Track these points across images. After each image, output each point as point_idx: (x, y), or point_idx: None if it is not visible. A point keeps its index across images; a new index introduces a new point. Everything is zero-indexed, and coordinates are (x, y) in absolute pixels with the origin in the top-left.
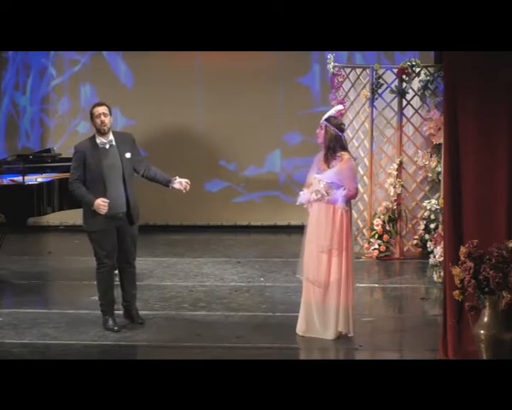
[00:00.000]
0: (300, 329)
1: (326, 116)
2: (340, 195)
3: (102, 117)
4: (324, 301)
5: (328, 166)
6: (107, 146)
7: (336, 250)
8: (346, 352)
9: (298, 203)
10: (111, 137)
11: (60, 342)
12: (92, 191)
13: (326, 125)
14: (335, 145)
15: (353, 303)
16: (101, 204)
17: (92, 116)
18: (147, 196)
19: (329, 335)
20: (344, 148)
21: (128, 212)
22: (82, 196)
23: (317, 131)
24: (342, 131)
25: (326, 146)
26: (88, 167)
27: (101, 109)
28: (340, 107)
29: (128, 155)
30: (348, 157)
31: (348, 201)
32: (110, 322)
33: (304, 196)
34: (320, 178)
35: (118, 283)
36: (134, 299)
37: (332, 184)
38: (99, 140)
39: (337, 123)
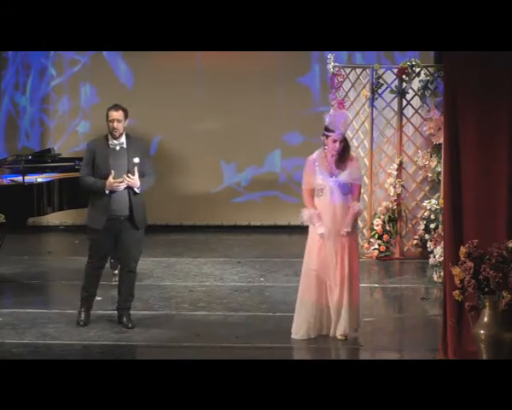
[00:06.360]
0: (299, 332)
1: (342, 130)
2: (354, 211)
3: (116, 123)
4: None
5: (341, 169)
6: (118, 148)
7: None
8: (346, 352)
9: (300, 221)
10: (123, 140)
11: (60, 342)
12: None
13: (345, 139)
14: (349, 152)
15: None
16: (112, 181)
17: (107, 117)
18: (146, 196)
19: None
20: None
21: (131, 216)
22: (91, 185)
23: (333, 144)
24: None
25: (340, 155)
26: (96, 166)
27: (115, 115)
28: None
29: (136, 160)
30: (355, 155)
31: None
32: (80, 316)
33: (306, 214)
34: (336, 181)
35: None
36: (127, 303)
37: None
38: (110, 141)
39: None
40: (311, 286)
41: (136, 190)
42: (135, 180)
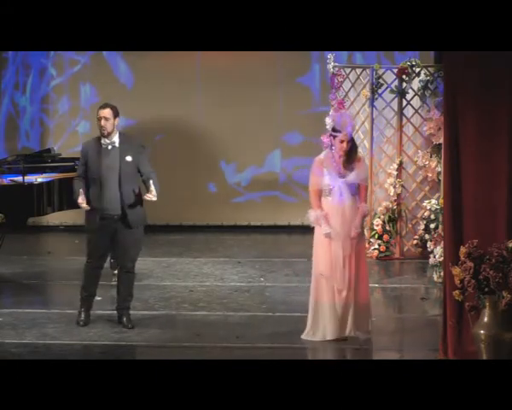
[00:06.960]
0: (315, 334)
1: (349, 130)
2: (362, 212)
3: (103, 121)
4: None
5: (349, 170)
6: (109, 147)
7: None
8: (346, 352)
9: (308, 222)
10: (114, 139)
11: (60, 342)
12: (90, 190)
13: (353, 139)
14: (356, 152)
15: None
16: (80, 201)
17: (97, 116)
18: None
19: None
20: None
21: (123, 215)
22: (74, 192)
23: (340, 145)
24: None
25: (348, 155)
26: (89, 166)
27: (103, 113)
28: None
29: (129, 159)
30: (362, 155)
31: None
32: (80, 316)
33: (313, 215)
34: (345, 181)
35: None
36: (125, 303)
37: (353, 184)
38: (102, 140)
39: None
40: (323, 289)
41: (154, 199)
42: (153, 194)
